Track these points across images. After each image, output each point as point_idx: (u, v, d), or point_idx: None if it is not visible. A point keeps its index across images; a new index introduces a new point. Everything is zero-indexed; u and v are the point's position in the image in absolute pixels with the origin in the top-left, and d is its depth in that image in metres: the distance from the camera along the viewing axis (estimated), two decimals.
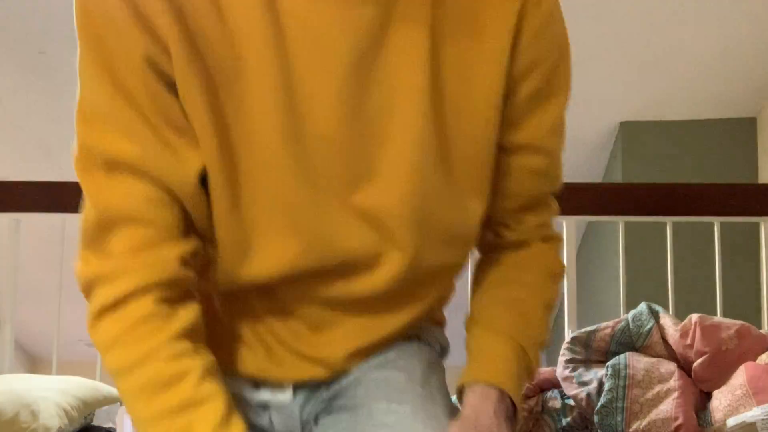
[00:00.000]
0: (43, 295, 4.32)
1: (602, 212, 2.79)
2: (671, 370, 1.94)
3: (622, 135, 4.27)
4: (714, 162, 4.15)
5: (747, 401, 1.77)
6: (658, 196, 2.76)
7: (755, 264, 3.28)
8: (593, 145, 4.45)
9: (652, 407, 1.84)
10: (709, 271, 2.82)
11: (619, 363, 1.97)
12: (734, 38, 3.62)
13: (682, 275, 3.02)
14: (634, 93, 4.05)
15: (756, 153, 4.13)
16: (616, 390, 1.89)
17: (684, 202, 2.74)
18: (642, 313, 2.13)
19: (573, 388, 1.99)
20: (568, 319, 2.72)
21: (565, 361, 2.08)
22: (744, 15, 3.49)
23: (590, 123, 4.29)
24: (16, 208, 2.70)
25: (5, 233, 2.78)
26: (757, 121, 4.14)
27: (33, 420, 2.05)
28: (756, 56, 3.72)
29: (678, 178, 4.08)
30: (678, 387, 1.88)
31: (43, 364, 7.32)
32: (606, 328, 2.14)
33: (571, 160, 5.07)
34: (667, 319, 2.09)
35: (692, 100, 4.07)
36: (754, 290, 3.49)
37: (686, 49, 3.71)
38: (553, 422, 2.02)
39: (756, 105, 4.07)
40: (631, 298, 2.69)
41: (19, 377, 2.38)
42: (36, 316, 5.58)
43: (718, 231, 2.76)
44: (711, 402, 1.88)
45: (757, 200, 2.73)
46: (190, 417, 0.96)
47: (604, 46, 3.72)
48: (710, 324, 1.99)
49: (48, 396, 2.14)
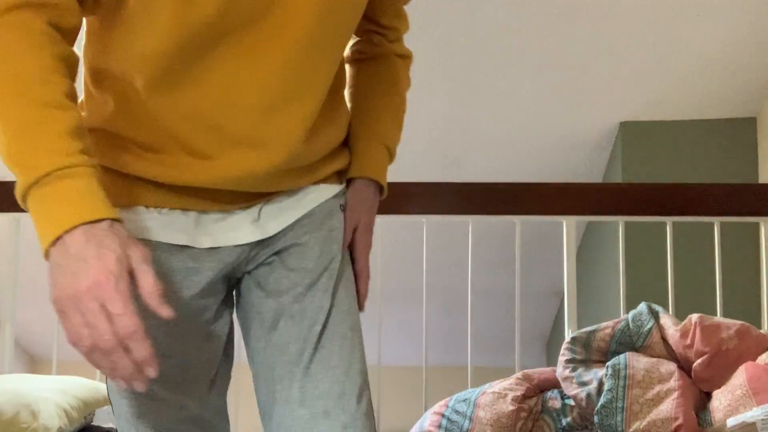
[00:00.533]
0: (43, 295, 4.32)
1: (602, 212, 2.80)
2: (671, 370, 1.94)
3: (622, 135, 4.27)
4: (714, 162, 4.15)
5: (747, 401, 1.77)
6: (658, 196, 2.76)
7: (755, 264, 3.28)
8: (593, 145, 4.45)
9: (652, 407, 1.84)
10: (709, 271, 2.82)
11: (619, 363, 1.97)
12: (734, 38, 3.62)
13: (682, 275, 3.02)
14: (634, 93, 4.05)
15: (756, 153, 4.13)
16: (616, 390, 1.89)
17: (684, 202, 2.75)
18: (642, 313, 2.13)
19: (573, 388, 1.98)
20: (568, 319, 2.72)
21: (565, 361, 2.08)
22: (744, 15, 3.49)
23: (590, 123, 4.29)
24: (16, 208, 2.69)
25: (5, 233, 2.78)
26: (757, 121, 4.14)
27: (33, 420, 2.05)
28: (756, 56, 3.72)
29: (678, 178, 4.07)
30: (678, 387, 1.88)
31: (43, 364, 7.31)
32: (606, 328, 2.14)
33: (571, 160, 5.10)
34: (667, 319, 2.09)
35: (692, 100, 4.07)
36: (754, 290, 3.49)
37: (686, 49, 3.71)
38: (553, 422, 2.02)
39: (756, 105, 4.07)
40: (631, 298, 2.69)
41: (19, 377, 2.38)
42: (36, 316, 5.57)
43: (718, 231, 2.76)
44: (711, 402, 1.88)
45: (757, 200, 2.74)
46: (49, 114, 1.01)
47: (604, 46, 3.72)
48: (710, 324, 1.99)
49: (48, 396, 2.14)
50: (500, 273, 5.38)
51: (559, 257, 2.88)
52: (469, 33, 3.69)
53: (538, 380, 2.11)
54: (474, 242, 2.86)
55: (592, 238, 5.11)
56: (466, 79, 4.01)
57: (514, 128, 4.36)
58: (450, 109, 4.25)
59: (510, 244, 3.08)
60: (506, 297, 5.35)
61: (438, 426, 2.03)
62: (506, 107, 4.20)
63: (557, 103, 4.14)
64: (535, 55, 3.81)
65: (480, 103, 4.19)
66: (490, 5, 3.53)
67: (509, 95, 4.10)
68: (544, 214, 2.79)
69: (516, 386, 2.07)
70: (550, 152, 4.53)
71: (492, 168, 4.63)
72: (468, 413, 2.02)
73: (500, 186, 2.85)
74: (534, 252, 5.18)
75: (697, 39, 3.65)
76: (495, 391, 2.06)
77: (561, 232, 2.79)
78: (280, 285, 1.22)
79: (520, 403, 2.01)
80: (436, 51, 3.79)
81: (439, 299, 5.51)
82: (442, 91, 4.11)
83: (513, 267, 2.90)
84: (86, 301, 0.97)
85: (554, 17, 3.57)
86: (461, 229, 3.51)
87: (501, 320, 5.99)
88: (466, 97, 4.15)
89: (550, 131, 4.37)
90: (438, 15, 3.58)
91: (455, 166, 4.65)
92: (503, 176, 4.51)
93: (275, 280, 1.22)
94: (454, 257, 4.69)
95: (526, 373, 2.15)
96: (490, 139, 4.46)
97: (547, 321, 6.71)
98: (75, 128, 1.02)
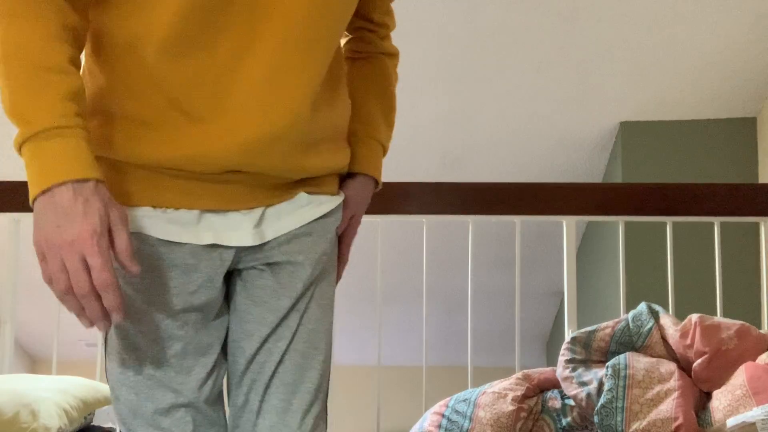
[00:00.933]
0: (43, 295, 4.32)
1: (602, 212, 2.80)
2: (671, 370, 1.94)
3: (622, 135, 4.28)
4: (714, 162, 4.15)
5: (747, 401, 1.77)
6: (658, 196, 2.76)
7: (755, 264, 3.28)
8: (593, 145, 4.46)
9: (652, 407, 1.84)
10: (709, 271, 2.82)
11: (619, 363, 1.97)
12: (734, 38, 3.62)
13: (682, 275, 3.02)
14: (634, 93, 4.05)
15: (756, 153, 4.13)
16: (616, 390, 1.89)
17: (684, 202, 2.74)
18: (642, 313, 2.13)
19: (573, 388, 1.98)
20: (568, 319, 2.72)
21: (565, 361, 2.08)
22: (744, 15, 3.49)
23: (590, 123, 4.29)
24: (16, 208, 2.70)
25: (5, 233, 2.78)
26: (757, 121, 4.14)
27: (33, 420, 2.05)
28: (756, 56, 3.72)
29: (678, 178, 4.08)
30: (678, 387, 1.88)
31: (43, 364, 7.32)
32: (606, 328, 2.14)
33: (571, 160, 5.11)
34: (667, 319, 2.09)
35: (692, 100, 4.07)
36: (754, 290, 3.49)
37: (686, 49, 3.72)
38: (553, 422, 2.02)
39: (756, 105, 4.07)
40: (631, 298, 2.69)
41: (19, 377, 2.38)
42: (36, 316, 5.58)
43: (718, 231, 2.76)
44: (711, 402, 1.88)
45: (757, 200, 2.74)
46: (53, 77, 1.10)
47: (604, 46, 3.73)
48: (710, 324, 1.99)
49: (48, 396, 2.14)
50: (500, 273, 5.39)
51: (559, 257, 2.88)
52: (470, 33, 3.69)
53: (538, 380, 2.11)
54: (474, 242, 2.86)
55: (592, 238, 5.11)
56: (466, 79, 4.01)
57: (514, 128, 4.37)
58: (450, 109, 4.25)
59: (510, 244, 3.09)
60: (506, 297, 5.36)
61: (438, 426, 2.03)
62: (506, 107, 4.20)
63: (557, 103, 4.14)
64: (535, 55, 3.81)
65: (480, 103, 4.19)
66: (490, 5, 3.53)
67: (509, 95, 4.10)
68: (544, 214, 2.79)
69: (516, 386, 2.07)
70: (550, 152, 4.53)
71: (492, 168, 4.63)
72: (468, 413, 2.02)
73: (500, 186, 2.84)
74: (534, 252, 5.18)
75: (697, 39, 3.65)
76: (495, 391, 2.06)
77: (561, 232, 2.79)
78: (264, 295, 1.28)
79: (520, 403, 2.01)
80: (436, 51, 3.80)
81: (439, 299, 5.51)
82: (442, 91, 4.11)
83: (513, 267, 2.90)
84: (68, 252, 1.07)
85: (554, 17, 3.57)
86: (461, 229, 3.51)
87: (501, 320, 6.00)
88: (466, 97, 4.15)
89: (550, 131, 4.37)
90: (438, 15, 3.59)
91: (455, 166, 4.65)
92: (503, 176, 4.52)
93: (261, 288, 1.28)
94: (454, 257, 4.69)
95: (526, 373, 2.15)
96: (490, 139, 4.46)
97: (547, 321, 6.71)
98: (74, 92, 1.11)
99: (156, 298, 1.21)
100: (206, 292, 1.24)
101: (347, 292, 2.69)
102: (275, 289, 1.27)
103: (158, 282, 1.21)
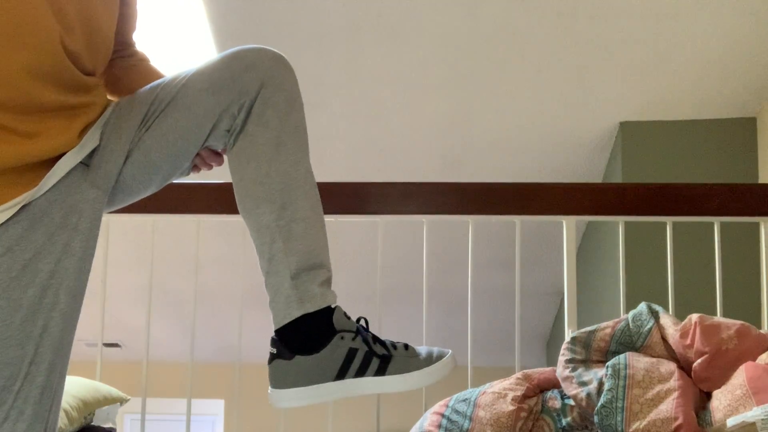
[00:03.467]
0: None
1: (602, 212, 2.79)
2: (671, 370, 1.94)
3: (622, 135, 4.27)
4: (714, 162, 4.15)
5: (747, 401, 1.77)
6: (658, 196, 2.76)
7: (755, 264, 3.28)
8: (593, 145, 4.45)
9: (652, 407, 1.84)
10: (709, 271, 2.82)
11: (619, 363, 1.97)
12: (734, 38, 3.62)
13: (682, 275, 3.02)
14: (634, 93, 4.05)
15: (756, 153, 4.13)
16: (616, 390, 1.89)
17: (684, 202, 2.74)
18: (642, 313, 2.13)
19: (573, 388, 1.98)
20: (568, 319, 2.72)
21: (565, 361, 2.08)
22: (744, 15, 3.49)
23: (590, 123, 4.29)
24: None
25: None
26: (757, 121, 4.14)
27: None
28: (756, 56, 3.72)
29: (678, 178, 4.08)
30: (678, 387, 1.88)
31: None
32: (606, 328, 2.14)
33: (571, 160, 5.09)
34: (667, 319, 2.09)
35: (692, 100, 4.07)
36: (754, 290, 3.49)
37: (686, 49, 3.71)
38: (553, 422, 2.02)
39: (756, 105, 4.07)
40: (631, 298, 2.69)
41: None
42: None
43: (718, 231, 2.76)
44: (711, 402, 1.88)
45: (757, 200, 2.73)
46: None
47: (604, 46, 3.72)
48: (710, 324, 1.99)
49: None
50: (500, 273, 5.39)
51: (559, 257, 2.88)
52: (470, 33, 3.69)
53: (538, 380, 2.11)
54: (474, 242, 2.86)
55: (592, 238, 5.11)
56: (466, 79, 4.01)
57: (514, 128, 4.36)
58: (450, 109, 4.25)
59: (510, 244, 3.09)
60: (506, 297, 5.36)
61: (438, 426, 2.03)
62: (506, 107, 4.20)
63: (557, 103, 4.14)
64: (536, 55, 3.81)
65: (480, 103, 4.19)
66: (490, 5, 3.53)
67: (509, 95, 4.10)
68: (544, 214, 2.79)
69: (516, 386, 2.07)
70: (550, 152, 4.53)
71: (492, 168, 4.63)
72: (468, 413, 2.02)
73: (500, 186, 2.84)
74: (534, 252, 5.18)
75: (697, 39, 3.65)
76: (495, 391, 2.06)
77: (561, 232, 2.79)
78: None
79: (520, 403, 2.01)
80: (436, 51, 3.80)
81: (439, 299, 5.51)
82: (442, 91, 4.11)
83: (513, 267, 2.90)
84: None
85: (554, 17, 3.57)
86: (461, 229, 3.51)
87: (501, 320, 6.00)
88: (466, 97, 4.15)
89: (550, 131, 4.37)
90: (438, 15, 3.59)
91: (455, 166, 4.65)
92: (503, 176, 4.52)
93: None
94: (454, 257, 4.69)
95: (526, 373, 2.15)
96: (490, 139, 4.46)
97: (547, 321, 6.71)
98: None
99: None
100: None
101: (347, 292, 2.69)
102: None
103: None
